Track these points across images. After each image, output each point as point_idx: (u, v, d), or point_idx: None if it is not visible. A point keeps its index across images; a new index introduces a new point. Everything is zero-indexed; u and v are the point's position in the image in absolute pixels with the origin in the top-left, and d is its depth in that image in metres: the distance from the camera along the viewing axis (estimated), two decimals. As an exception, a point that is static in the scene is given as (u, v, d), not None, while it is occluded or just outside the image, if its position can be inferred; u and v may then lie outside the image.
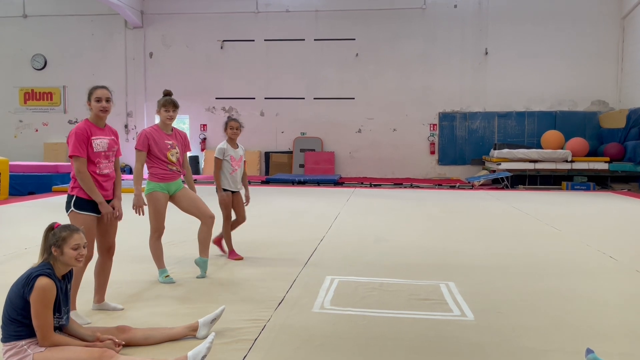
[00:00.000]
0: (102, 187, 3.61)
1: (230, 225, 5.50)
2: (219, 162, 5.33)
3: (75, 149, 3.51)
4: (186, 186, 4.74)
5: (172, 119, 4.56)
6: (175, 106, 4.55)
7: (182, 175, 4.68)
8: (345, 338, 3.30)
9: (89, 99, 3.78)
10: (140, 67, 17.96)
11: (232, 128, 5.37)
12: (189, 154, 4.95)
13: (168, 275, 4.56)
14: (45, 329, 2.69)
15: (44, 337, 2.69)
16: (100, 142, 3.62)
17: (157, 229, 4.53)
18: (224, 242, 5.60)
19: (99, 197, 3.54)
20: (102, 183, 3.62)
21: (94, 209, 3.56)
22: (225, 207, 5.39)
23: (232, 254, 5.47)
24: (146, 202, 4.43)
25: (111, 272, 3.92)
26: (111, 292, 4.09)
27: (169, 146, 4.52)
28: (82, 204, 3.53)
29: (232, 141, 5.40)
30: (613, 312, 3.87)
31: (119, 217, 3.73)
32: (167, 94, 4.63)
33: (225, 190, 5.36)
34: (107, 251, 3.79)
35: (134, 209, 4.33)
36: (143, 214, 4.35)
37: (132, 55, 17.95)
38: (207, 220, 4.68)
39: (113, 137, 3.78)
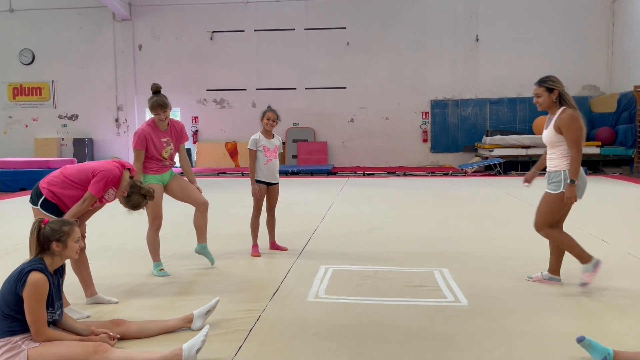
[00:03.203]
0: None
1: (259, 218, 5.25)
2: (252, 154, 5.15)
3: (99, 191, 3.54)
4: (177, 175, 4.76)
5: (165, 119, 4.52)
6: (163, 107, 4.45)
7: (173, 165, 4.70)
8: (340, 326, 3.32)
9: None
10: (129, 60, 17.80)
11: (269, 119, 5.14)
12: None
13: (163, 269, 4.56)
14: (39, 324, 2.68)
15: (38, 332, 2.68)
16: (112, 194, 3.67)
17: (155, 218, 4.54)
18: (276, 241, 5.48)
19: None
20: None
21: (59, 213, 3.52)
22: (255, 200, 5.19)
23: (273, 245, 5.43)
24: None
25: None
26: (105, 286, 4.09)
27: (164, 144, 4.54)
28: (48, 205, 3.52)
29: (266, 132, 5.21)
30: (605, 294, 3.90)
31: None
32: (156, 90, 4.53)
33: (259, 181, 5.17)
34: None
35: None
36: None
37: (121, 48, 17.78)
38: (200, 207, 4.70)
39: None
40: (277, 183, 5.34)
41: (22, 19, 17.96)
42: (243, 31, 17.47)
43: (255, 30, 17.42)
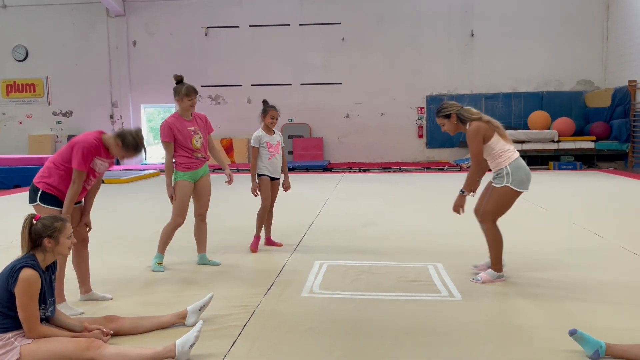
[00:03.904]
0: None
1: (266, 211, 5.26)
2: (255, 151, 5.18)
3: (81, 164, 3.46)
4: (209, 176, 4.72)
5: (195, 105, 4.55)
6: (196, 92, 4.55)
7: (207, 160, 4.68)
8: (334, 321, 3.32)
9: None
10: (124, 56, 17.70)
11: (274, 118, 5.20)
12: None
13: (161, 263, 4.56)
14: (31, 321, 2.67)
15: (30, 329, 2.68)
16: (102, 164, 3.62)
17: (179, 215, 4.54)
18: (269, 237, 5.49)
19: (69, 210, 3.47)
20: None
21: (59, 203, 3.49)
22: (261, 194, 5.19)
23: (268, 240, 5.44)
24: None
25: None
26: (100, 281, 4.08)
27: (192, 132, 4.52)
28: (47, 198, 3.49)
29: (267, 128, 5.23)
30: (598, 288, 3.92)
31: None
32: (179, 80, 4.56)
33: (263, 175, 5.19)
34: (82, 242, 3.74)
35: (169, 197, 4.51)
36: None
37: (115, 44, 17.68)
38: (196, 217, 4.76)
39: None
40: (279, 178, 5.36)
41: (15, 15, 17.82)
42: (238, 27, 17.40)
43: (250, 26, 17.35)
